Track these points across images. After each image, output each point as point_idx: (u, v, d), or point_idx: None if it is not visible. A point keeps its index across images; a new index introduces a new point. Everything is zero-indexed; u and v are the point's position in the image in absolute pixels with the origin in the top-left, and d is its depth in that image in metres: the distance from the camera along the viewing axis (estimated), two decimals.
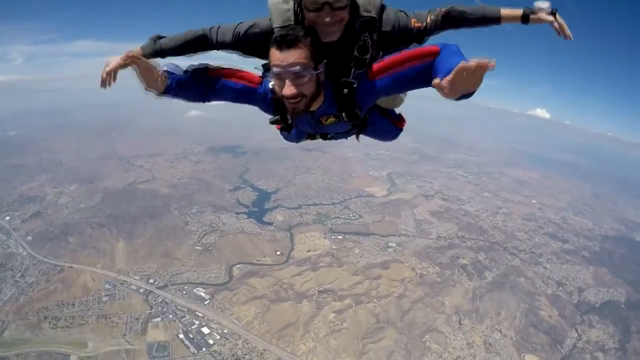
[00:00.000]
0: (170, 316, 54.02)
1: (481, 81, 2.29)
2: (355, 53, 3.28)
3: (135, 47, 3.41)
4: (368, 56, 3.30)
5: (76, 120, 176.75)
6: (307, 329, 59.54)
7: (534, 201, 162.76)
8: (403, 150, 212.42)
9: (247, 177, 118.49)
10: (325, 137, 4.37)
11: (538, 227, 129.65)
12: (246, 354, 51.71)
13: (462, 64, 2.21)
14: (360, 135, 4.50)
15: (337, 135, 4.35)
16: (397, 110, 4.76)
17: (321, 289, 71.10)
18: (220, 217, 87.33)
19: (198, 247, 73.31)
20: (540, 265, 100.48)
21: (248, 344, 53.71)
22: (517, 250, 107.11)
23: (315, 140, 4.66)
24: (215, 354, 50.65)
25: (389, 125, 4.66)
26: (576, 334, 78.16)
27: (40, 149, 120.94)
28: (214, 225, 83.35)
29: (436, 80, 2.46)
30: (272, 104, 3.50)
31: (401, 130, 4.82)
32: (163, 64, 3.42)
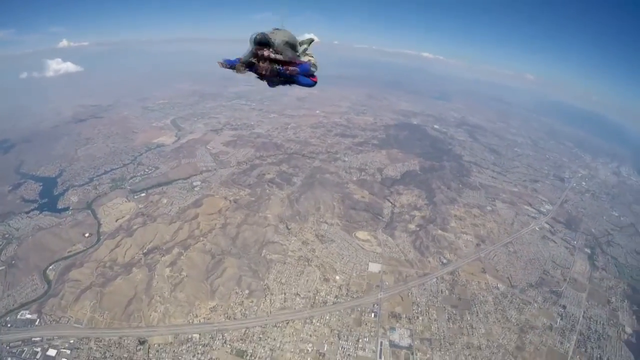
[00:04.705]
0: (10, 359, 48.09)
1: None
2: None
3: None
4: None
5: None
6: (150, 295, 59.83)
7: (317, 111, 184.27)
8: (182, 95, 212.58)
9: (25, 169, 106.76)
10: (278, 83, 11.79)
11: (327, 132, 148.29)
12: (105, 352, 49.96)
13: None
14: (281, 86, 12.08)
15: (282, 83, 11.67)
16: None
17: (145, 250, 71.30)
18: (9, 224, 78.38)
19: (0, 267, 65.47)
20: (339, 160, 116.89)
21: (101, 341, 51.78)
22: (315, 153, 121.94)
23: None
24: None
25: (309, 80, 11.48)
26: (390, 204, 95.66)
27: None
28: (6, 235, 74.41)
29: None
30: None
31: (315, 82, 11.77)
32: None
